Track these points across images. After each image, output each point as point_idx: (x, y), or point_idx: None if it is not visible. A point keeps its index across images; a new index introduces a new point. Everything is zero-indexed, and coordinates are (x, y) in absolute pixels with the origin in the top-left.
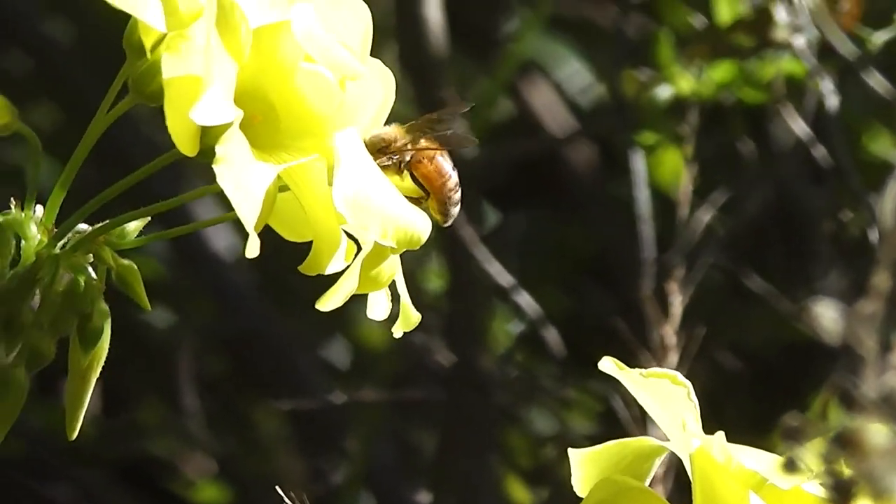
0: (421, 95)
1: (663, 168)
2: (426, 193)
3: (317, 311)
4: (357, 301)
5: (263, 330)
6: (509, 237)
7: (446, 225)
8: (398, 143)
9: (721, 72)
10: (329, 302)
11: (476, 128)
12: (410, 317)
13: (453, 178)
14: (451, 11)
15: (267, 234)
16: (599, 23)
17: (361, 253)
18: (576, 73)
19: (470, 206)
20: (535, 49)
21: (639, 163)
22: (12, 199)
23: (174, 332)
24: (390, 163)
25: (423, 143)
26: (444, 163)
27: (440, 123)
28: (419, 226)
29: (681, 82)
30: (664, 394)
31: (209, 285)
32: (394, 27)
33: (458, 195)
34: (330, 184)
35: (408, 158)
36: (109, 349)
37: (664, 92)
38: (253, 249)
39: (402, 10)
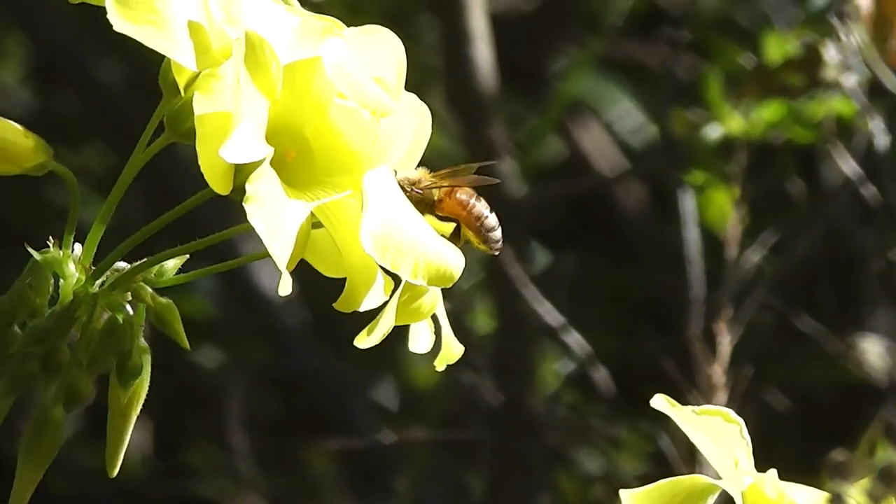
0: (470, 135)
1: (713, 208)
2: (458, 230)
3: (366, 351)
4: (405, 341)
5: (313, 370)
6: (559, 276)
7: (496, 252)
8: (423, 184)
9: (771, 111)
10: (367, 339)
11: (526, 167)
12: (452, 350)
13: (478, 205)
14: (501, 51)
15: (316, 274)
16: (649, 63)
17: (398, 290)
18: (626, 113)
19: (519, 246)
20: (585, 89)
21: (688, 203)
22: (50, 237)
23: (224, 373)
24: (420, 197)
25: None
26: (464, 195)
27: (463, 171)
28: (451, 262)
29: (730, 122)
30: (716, 431)
31: (259, 326)
32: (442, 66)
33: (491, 220)
34: None
35: (434, 199)
36: (160, 390)
37: (714, 131)
38: (286, 287)
39: (450, 49)
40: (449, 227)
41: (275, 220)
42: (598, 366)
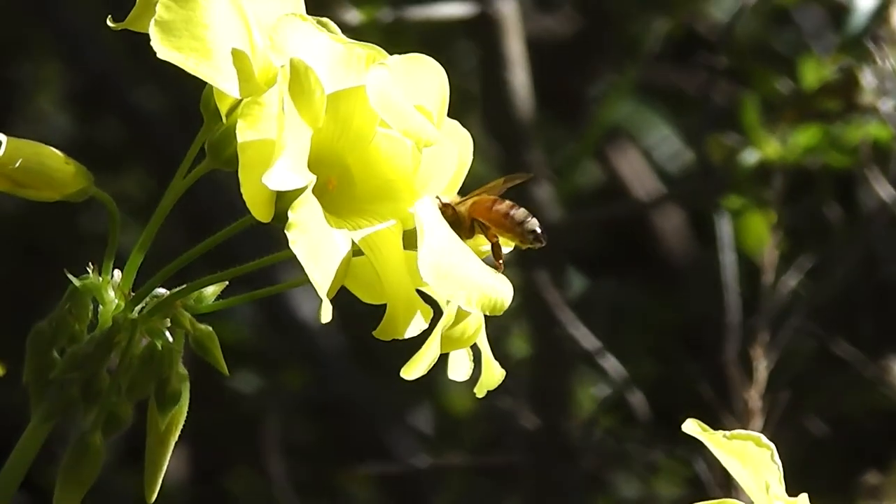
0: (507, 160)
1: (750, 233)
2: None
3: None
4: (443, 367)
5: (350, 396)
6: (595, 302)
7: (541, 244)
8: (454, 202)
9: (807, 136)
10: (414, 370)
11: (563, 192)
12: (493, 374)
13: (502, 205)
14: (538, 76)
15: (354, 300)
16: (686, 88)
17: (441, 320)
18: (663, 139)
19: (556, 271)
20: (623, 114)
21: (725, 228)
22: (90, 263)
23: (261, 399)
24: (454, 218)
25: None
26: (487, 202)
27: (493, 188)
28: (502, 292)
29: (767, 147)
30: (748, 456)
31: (296, 352)
32: (480, 91)
33: (519, 213)
34: (405, 249)
35: (467, 217)
36: (197, 416)
37: (751, 157)
38: (326, 315)
39: (487, 74)
40: (484, 242)
41: (316, 247)
42: (635, 390)
